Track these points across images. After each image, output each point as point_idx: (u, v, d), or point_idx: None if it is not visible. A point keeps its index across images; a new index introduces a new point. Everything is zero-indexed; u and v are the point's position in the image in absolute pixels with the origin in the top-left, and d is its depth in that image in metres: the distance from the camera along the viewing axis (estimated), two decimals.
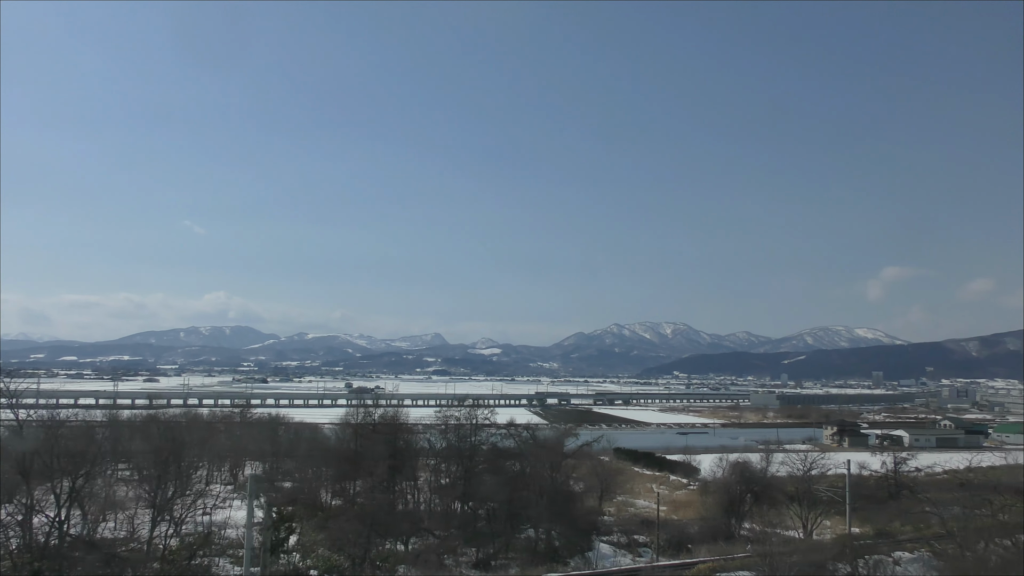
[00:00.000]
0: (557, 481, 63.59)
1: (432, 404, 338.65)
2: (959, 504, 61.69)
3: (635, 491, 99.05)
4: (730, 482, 64.22)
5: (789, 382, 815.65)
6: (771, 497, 65.96)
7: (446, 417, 72.53)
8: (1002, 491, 69.75)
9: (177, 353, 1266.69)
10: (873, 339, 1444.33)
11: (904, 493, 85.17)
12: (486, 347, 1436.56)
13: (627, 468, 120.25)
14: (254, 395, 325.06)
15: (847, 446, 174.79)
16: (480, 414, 71.13)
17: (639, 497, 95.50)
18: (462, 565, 51.79)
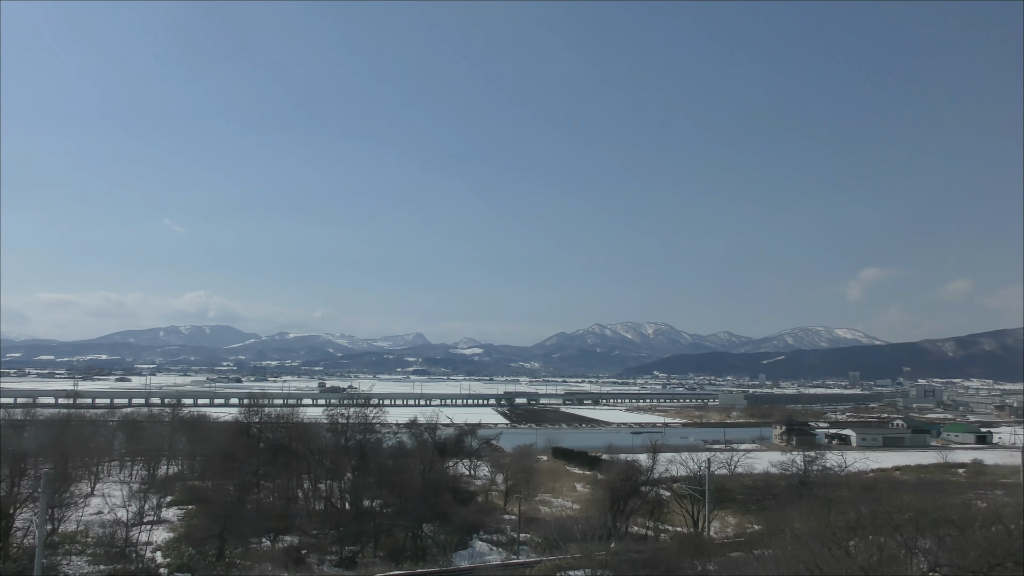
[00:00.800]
0: (444, 480, 64.01)
1: (399, 404, 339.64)
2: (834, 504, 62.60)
3: (559, 490, 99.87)
4: (614, 481, 64.83)
5: (767, 382, 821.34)
6: (658, 495, 66.79)
7: (334, 416, 72.68)
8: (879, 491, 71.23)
9: (156, 352, 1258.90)
10: (852, 339, 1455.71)
11: (814, 492, 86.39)
12: (467, 347, 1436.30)
13: (560, 467, 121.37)
14: (218, 394, 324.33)
15: (795, 445, 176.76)
16: (370, 413, 71.29)
17: (561, 496, 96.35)
18: (327, 563, 52.10)
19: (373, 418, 72.86)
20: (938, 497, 74.64)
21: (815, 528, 50.25)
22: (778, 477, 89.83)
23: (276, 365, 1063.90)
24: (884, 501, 64.01)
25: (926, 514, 48.72)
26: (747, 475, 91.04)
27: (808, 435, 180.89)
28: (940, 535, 48.80)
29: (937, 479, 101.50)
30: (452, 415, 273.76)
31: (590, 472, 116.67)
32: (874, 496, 67.79)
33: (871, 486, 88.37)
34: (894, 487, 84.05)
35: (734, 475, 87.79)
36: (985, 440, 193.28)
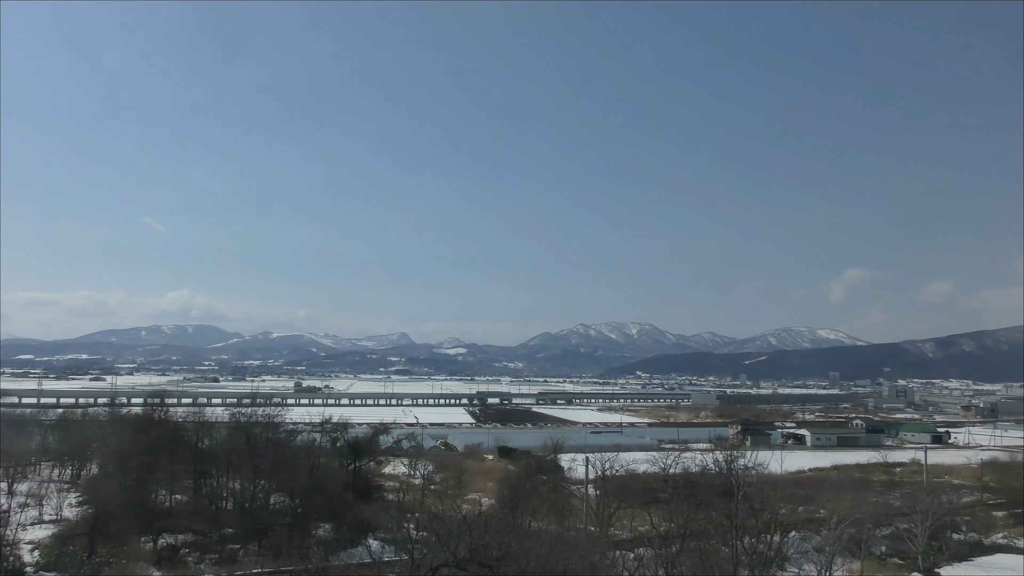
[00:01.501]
0: (342, 478, 64.09)
1: (370, 404, 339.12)
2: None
3: (491, 488, 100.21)
4: (513, 477, 65.18)
5: (747, 382, 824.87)
6: (565, 493, 67.22)
7: (238, 415, 72.57)
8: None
9: (137, 352, 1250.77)
10: (835, 340, 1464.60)
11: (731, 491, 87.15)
12: (452, 347, 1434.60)
13: (501, 466, 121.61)
14: (187, 393, 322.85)
15: (749, 445, 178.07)
16: (274, 412, 71.28)
17: (490, 494, 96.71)
18: (206, 562, 52.13)
19: (276, 417, 72.54)
20: (827, 496, 75.65)
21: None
22: (699, 476, 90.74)
23: (258, 365, 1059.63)
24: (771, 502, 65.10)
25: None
26: (672, 474, 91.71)
27: (763, 435, 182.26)
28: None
29: (864, 478, 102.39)
30: (420, 415, 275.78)
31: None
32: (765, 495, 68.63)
33: (774, 484, 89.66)
34: (805, 486, 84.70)
35: (653, 474, 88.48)
36: (941, 440, 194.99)
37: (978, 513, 73.00)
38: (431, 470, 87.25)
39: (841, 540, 64.42)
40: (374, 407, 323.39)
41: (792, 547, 61.47)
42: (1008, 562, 51.53)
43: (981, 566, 50.73)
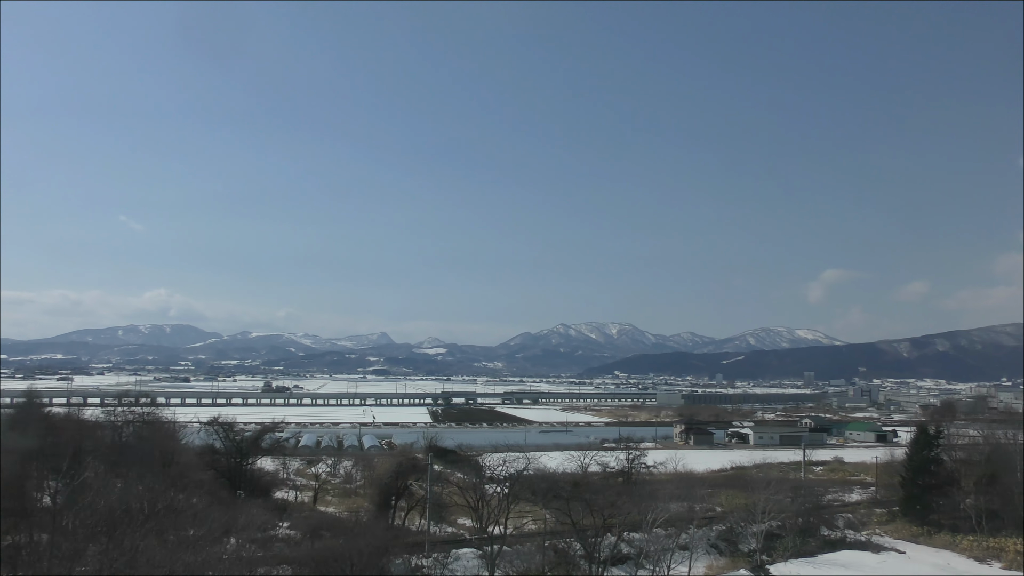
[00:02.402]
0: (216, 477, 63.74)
1: (332, 403, 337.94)
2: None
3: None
4: (384, 476, 65.08)
5: (723, 382, 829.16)
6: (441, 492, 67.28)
7: (112, 415, 72.07)
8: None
9: (113, 352, 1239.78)
10: (813, 340, 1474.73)
11: (633, 488, 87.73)
12: (431, 347, 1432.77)
13: (424, 466, 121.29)
14: (146, 393, 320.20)
15: (692, 444, 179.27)
16: (149, 411, 70.83)
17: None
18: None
19: (148, 415, 72.08)
20: (727, 493, 76.16)
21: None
22: (600, 475, 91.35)
23: (236, 365, 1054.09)
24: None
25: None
26: (573, 473, 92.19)
27: (706, 434, 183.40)
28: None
29: (770, 477, 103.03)
30: (381, 414, 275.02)
31: (448, 471, 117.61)
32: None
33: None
34: (711, 484, 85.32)
35: (560, 473, 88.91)
36: (885, 439, 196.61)
37: (862, 510, 73.76)
38: (349, 469, 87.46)
39: (709, 538, 65.16)
40: (336, 407, 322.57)
41: (653, 544, 62.13)
42: (850, 558, 52.09)
43: (819, 563, 51.23)
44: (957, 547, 57.25)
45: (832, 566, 49.73)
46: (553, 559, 52.97)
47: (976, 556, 55.02)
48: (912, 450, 67.21)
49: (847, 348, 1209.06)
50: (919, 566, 50.68)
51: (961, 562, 53.99)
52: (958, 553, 56.33)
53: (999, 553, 54.54)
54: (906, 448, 69.58)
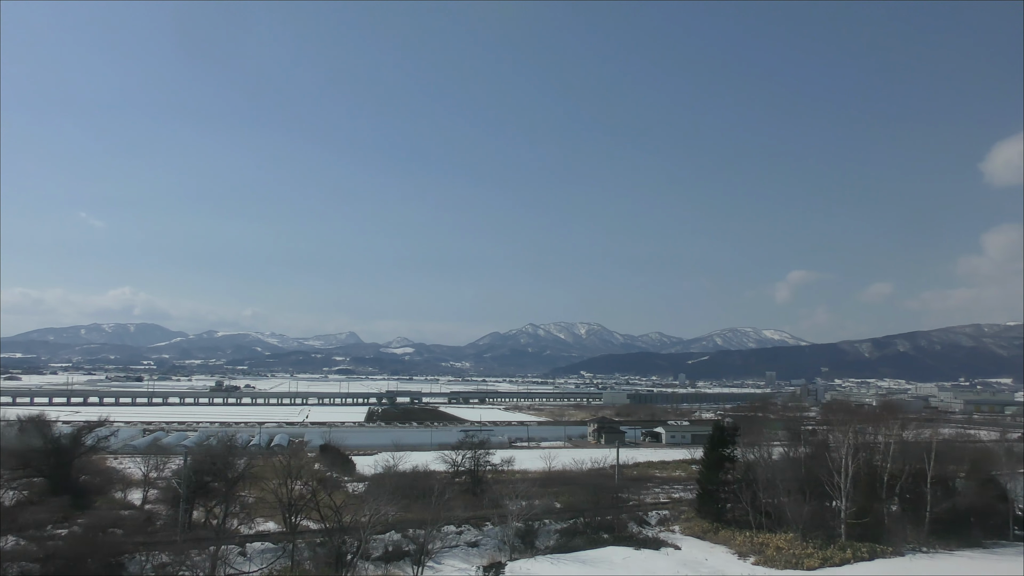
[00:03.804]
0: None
1: (273, 403, 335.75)
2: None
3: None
4: (184, 472, 64.62)
5: (686, 382, 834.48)
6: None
7: None
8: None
9: (75, 351, 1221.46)
10: (779, 340, 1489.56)
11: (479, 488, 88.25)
12: (399, 346, 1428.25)
13: (305, 465, 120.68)
14: (76, 392, 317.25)
15: (603, 443, 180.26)
16: None
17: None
18: None
19: None
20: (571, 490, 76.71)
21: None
22: (448, 474, 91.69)
23: (199, 364, 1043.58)
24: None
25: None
26: (426, 471, 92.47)
27: (617, 433, 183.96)
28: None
29: (633, 476, 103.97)
30: (318, 414, 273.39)
31: (328, 471, 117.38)
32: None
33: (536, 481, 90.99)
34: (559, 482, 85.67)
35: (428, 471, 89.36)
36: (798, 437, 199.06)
37: (683, 507, 74.49)
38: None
39: (506, 535, 65.55)
40: (276, 406, 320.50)
41: (441, 542, 62.49)
42: (603, 555, 52.63)
43: (567, 559, 51.71)
44: (732, 543, 58.08)
45: (574, 563, 50.18)
46: (312, 556, 53.07)
47: (742, 551, 55.85)
48: (707, 448, 68.08)
49: (811, 348, 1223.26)
50: (668, 562, 51.34)
51: (725, 556, 54.82)
52: (730, 548, 57.15)
53: (762, 548, 55.44)
54: (704, 445, 70.38)
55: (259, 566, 52.27)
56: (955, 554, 55.47)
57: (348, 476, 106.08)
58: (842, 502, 57.27)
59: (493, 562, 52.24)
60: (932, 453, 61.00)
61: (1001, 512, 62.24)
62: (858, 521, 56.61)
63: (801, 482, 60.09)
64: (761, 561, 52.83)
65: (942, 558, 54.15)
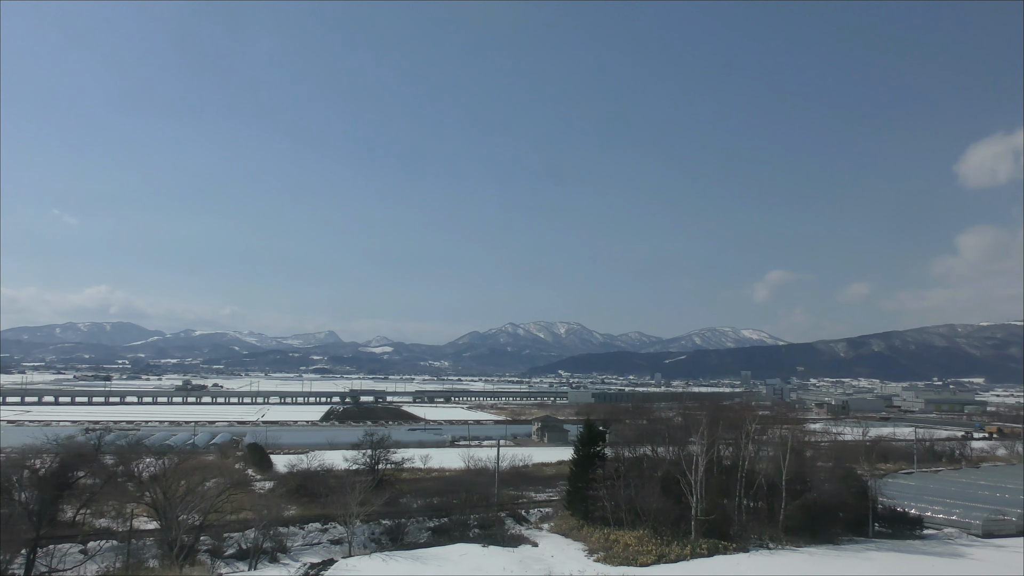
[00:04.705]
0: None
1: (234, 402, 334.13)
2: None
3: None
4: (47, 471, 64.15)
5: (662, 381, 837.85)
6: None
7: None
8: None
9: (49, 350, 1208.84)
10: (758, 340, 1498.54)
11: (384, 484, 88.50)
12: (378, 345, 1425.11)
13: (228, 465, 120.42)
14: (31, 391, 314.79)
15: (546, 441, 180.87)
16: None
17: None
18: None
19: None
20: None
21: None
22: (352, 472, 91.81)
23: (176, 363, 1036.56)
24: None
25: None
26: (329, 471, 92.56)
27: (560, 431, 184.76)
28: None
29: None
30: (277, 413, 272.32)
31: (251, 470, 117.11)
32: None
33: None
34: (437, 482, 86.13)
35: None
36: None
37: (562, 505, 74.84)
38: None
39: (374, 532, 65.75)
40: (236, 405, 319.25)
41: (302, 539, 62.70)
42: (445, 553, 52.80)
43: (401, 556, 51.90)
44: (589, 540, 58.46)
45: (407, 561, 50.37)
46: (158, 554, 52.92)
47: (593, 548, 56.24)
48: (577, 446, 68.56)
49: (787, 348, 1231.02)
50: (507, 559, 51.55)
51: (573, 554, 55.12)
52: (586, 546, 57.48)
53: (613, 545, 55.91)
54: (575, 443, 70.87)
55: (99, 564, 52.09)
56: (800, 550, 56.14)
57: (262, 475, 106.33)
58: (693, 499, 57.84)
59: (326, 559, 52.33)
60: (787, 451, 61.72)
61: (862, 509, 63.06)
62: (707, 518, 57.18)
63: (659, 480, 60.69)
64: (604, 558, 53.24)
65: (783, 554, 54.79)
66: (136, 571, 49.95)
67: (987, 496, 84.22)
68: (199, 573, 46.14)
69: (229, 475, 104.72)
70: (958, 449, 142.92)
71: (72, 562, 51.14)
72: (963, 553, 57.52)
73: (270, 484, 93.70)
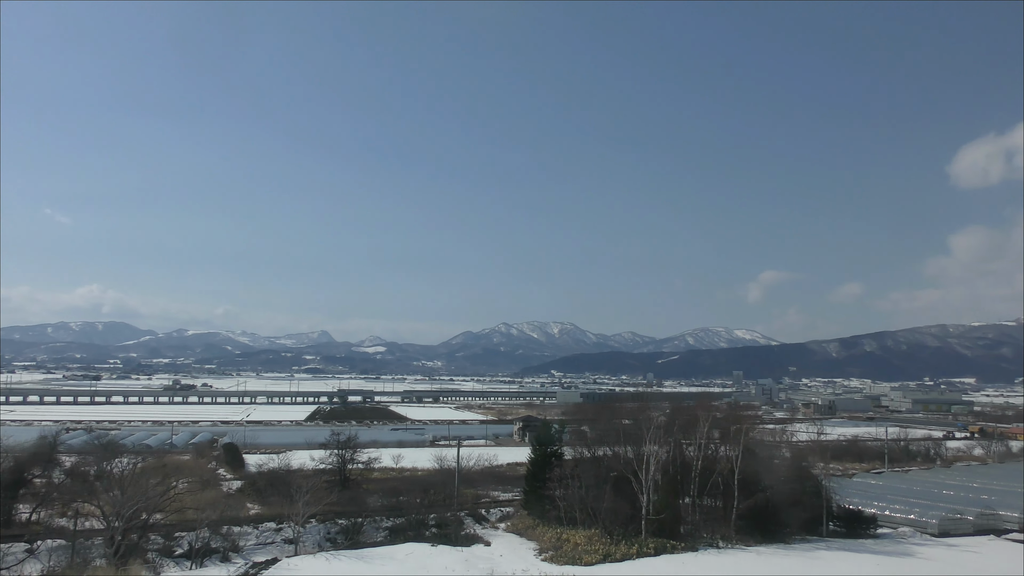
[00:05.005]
0: None
1: (220, 401, 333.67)
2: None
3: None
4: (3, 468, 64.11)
5: (653, 381, 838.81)
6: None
7: None
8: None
9: (40, 350, 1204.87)
10: (751, 340, 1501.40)
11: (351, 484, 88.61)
12: (371, 345, 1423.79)
13: (201, 465, 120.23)
14: (15, 391, 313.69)
15: (527, 441, 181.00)
16: None
17: None
18: None
19: None
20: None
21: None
22: (320, 471, 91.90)
23: (168, 363, 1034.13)
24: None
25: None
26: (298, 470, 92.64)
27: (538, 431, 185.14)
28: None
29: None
30: (263, 413, 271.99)
31: (218, 469, 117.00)
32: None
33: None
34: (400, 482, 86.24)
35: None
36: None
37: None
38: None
39: (329, 531, 65.73)
40: (223, 405, 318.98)
41: (256, 538, 62.69)
42: (391, 552, 52.80)
43: (347, 555, 51.95)
44: (542, 539, 58.53)
45: (351, 560, 50.40)
46: (105, 554, 52.77)
47: (544, 547, 56.26)
48: (534, 445, 68.68)
49: (780, 348, 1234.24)
50: (453, 558, 51.61)
51: (523, 553, 55.10)
52: (538, 545, 57.54)
53: (563, 544, 55.96)
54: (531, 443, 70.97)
55: (44, 564, 51.94)
56: (749, 550, 56.28)
57: (233, 474, 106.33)
58: (644, 498, 57.95)
59: (269, 559, 52.32)
60: (739, 450, 61.88)
61: (816, 509, 63.27)
62: (657, 517, 57.29)
63: (613, 480, 60.81)
64: (551, 557, 53.29)
65: (732, 553, 54.92)
66: (81, 571, 49.87)
67: (950, 496, 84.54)
68: (137, 573, 45.94)
69: (199, 475, 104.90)
70: (933, 449, 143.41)
71: (13, 561, 50.98)
72: (912, 552, 57.75)
73: (238, 483, 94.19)
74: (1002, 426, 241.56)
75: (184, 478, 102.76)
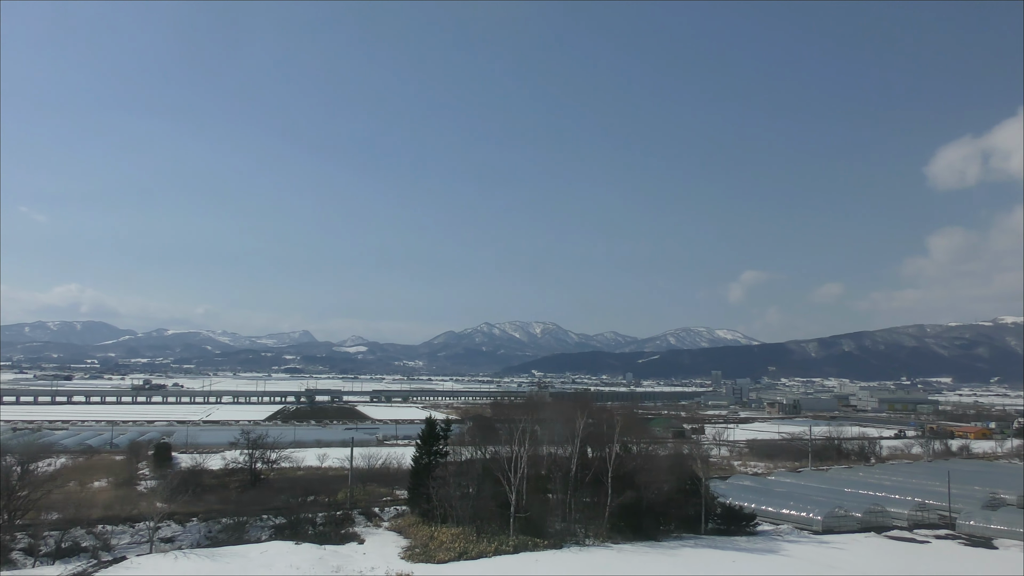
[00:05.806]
0: None
1: (185, 401, 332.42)
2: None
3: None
4: None
5: (632, 380, 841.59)
6: None
7: None
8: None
9: (17, 349, 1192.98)
10: (732, 339, 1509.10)
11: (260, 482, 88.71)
12: (353, 345, 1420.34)
13: (122, 464, 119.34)
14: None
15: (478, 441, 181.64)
16: None
17: None
18: None
19: None
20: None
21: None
22: (221, 471, 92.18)
23: (146, 363, 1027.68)
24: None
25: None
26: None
27: (492, 430, 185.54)
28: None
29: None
30: (227, 413, 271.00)
31: (144, 468, 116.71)
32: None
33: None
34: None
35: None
36: (683, 435, 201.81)
37: None
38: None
39: (212, 530, 65.74)
40: (186, 405, 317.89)
41: (130, 537, 62.63)
42: (247, 551, 52.88)
43: (201, 555, 52.09)
44: (416, 537, 58.80)
45: (203, 559, 50.48)
46: None
47: (415, 545, 56.59)
48: (418, 444, 69.07)
49: (760, 348, 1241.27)
50: (308, 556, 51.76)
51: (390, 551, 55.20)
52: (411, 543, 57.78)
53: (430, 542, 56.30)
54: (416, 442, 71.47)
55: None
56: (612, 547, 56.73)
57: (156, 474, 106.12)
58: (511, 496, 58.36)
59: (117, 557, 52.31)
60: (613, 447, 62.43)
61: (695, 507, 63.88)
62: (524, 515, 57.72)
63: (490, 478, 61.23)
64: (411, 556, 53.50)
65: (592, 551, 55.33)
66: None
67: (852, 493, 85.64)
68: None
69: (118, 475, 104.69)
70: (868, 447, 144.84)
71: None
72: (776, 549, 58.35)
73: (152, 483, 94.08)
74: (958, 425, 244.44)
75: (103, 477, 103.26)
